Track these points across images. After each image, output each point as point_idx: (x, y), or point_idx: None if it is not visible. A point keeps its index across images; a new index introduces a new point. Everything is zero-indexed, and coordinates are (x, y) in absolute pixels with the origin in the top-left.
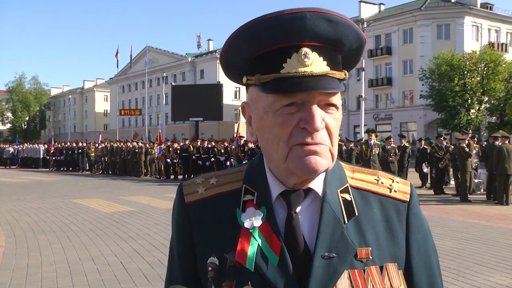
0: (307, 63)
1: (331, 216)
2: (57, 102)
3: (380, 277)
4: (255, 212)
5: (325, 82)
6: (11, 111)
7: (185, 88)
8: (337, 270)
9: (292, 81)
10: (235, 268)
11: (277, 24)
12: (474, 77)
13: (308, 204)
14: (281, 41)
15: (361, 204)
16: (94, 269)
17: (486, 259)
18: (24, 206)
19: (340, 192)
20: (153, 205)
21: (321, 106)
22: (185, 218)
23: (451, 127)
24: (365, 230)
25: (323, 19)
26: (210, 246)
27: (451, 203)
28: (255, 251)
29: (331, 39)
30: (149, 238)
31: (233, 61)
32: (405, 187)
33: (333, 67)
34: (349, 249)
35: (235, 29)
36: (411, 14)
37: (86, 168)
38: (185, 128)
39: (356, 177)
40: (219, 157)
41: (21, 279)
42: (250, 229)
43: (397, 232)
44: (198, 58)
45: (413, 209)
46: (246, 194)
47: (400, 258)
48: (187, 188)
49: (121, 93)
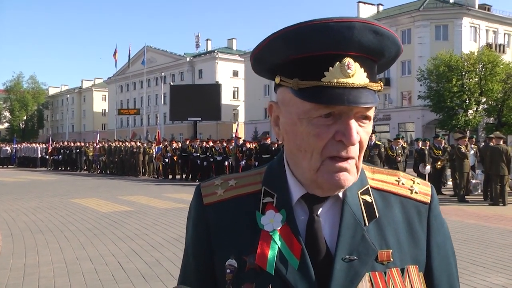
0: (350, 74)
1: (351, 218)
2: (55, 101)
3: (401, 280)
4: (275, 215)
5: (364, 95)
6: (9, 110)
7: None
8: (358, 273)
9: (333, 92)
10: (255, 271)
11: (324, 31)
12: (472, 78)
13: (329, 207)
14: (325, 48)
15: (381, 206)
16: (91, 269)
17: (483, 259)
18: (22, 205)
19: (361, 193)
20: (151, 205)
21: (356, 118)
22: (202, 219)
23: (449, 127)
24: (386, 232)
25: (370, 30)
26: (228, 248)
27: (449, 204)
28: (275, 254)
29: (374, 51)
30: (147, 238)
31: (267, 59)
32: (426, 188)
33: (372, 79)
34: (370, 252)
35: (277, 31)
36: (409, 15)
37: (84, 167)
38: (184, 128)
39: (377, 178)
40: (217, 157)
41: (19, 278)
42: (270, 232)
43: (418, 234)
44: (197, 58)
45: (434, 211)
46: (266, 197)
47: (421, 260)
48: (206, 189)
49: (119, 92)
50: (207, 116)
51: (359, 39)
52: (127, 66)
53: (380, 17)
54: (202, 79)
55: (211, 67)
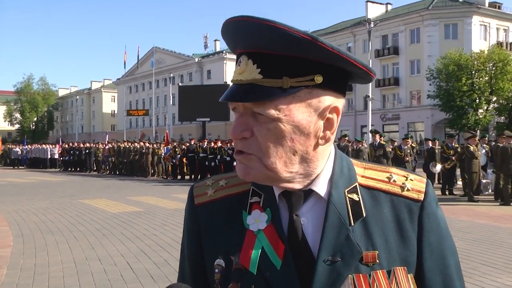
0: (240, 70)
1: (336, 218)
2: (65, 102)
3: (387, 282)
4: (260, 215)
5: (250, 91)
6: (20, 112)
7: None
8: (341, 275)
9: (230, 88)
10: (240, 271)
11: (225, 31)
12: (482, 77)
13: (312, 206)
14: (232, 48)
15: (370, 204)
16: (100, 269)
17: (493, 260)
18: (32, 206)
19: (348, 192)
20: (160, 206)
21: (254, 115)
22: (194, 220)
23: (459, 127)
24: (373, 232)
25: (250, 25)
26: (217, 248)
27: (459, 203)
28: (258, 254)
29: (262, 45)
30: (156, 238)
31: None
32: (420, 184)
33: (268, 75)
34: (355, 253)
35: None
36: (418, 13)
37: (93, 168)
38: (192, 129)
39: (367, 175)
40: (226, 158)
41: (29, 278)
42: (255, 232)
43: (408, 234)
44: (205, 59)
45: (427, 209)
46: (253, 196)
47: (410, 262)
48: (197, 190)
49: (128, 93)
50: (216, 116)
51: (243, 36)
52: (136, 67)
53: (389, 16)
54: (210, 79)
55: (220, 68)
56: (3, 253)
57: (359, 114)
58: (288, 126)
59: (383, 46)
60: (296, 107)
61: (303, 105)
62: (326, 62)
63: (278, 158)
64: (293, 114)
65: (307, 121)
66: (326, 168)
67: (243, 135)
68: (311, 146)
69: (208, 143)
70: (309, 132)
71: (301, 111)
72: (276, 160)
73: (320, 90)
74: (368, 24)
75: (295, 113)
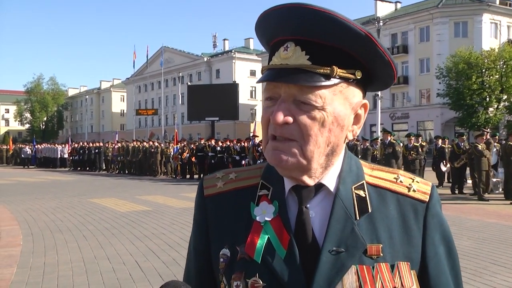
0: (286, 55)
1: (342, 211)
2: (75, 102)
3: (390, 275)
4: (268, 206)
5: (297, 75)
6: (30, 111)
7: (201, 88)
8: (345, 265)
9: (270, 72)
10: (245, 260)
11: (267, 20)
12: (493, 75)
13: (321, 200)
14: (274, 35)
15: (376, 201)
16: (109, 268)
17: (504, 259)
18: (42, 205)
19: (355, 188)
20: (168, 205)
21: (296, 103)
22: (202, 211)
23: (469, 125)
24: (378, 227)
25: (304, 13)
26: (223, 238)
27: (468, 202)
28: (263, 244)
29: (314, 33)
30: (165, 237)
31: (266, 49)
32: (425, 187)
33: (317, 61)
34: (359, 245)
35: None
36: (427, 11)
37: (103, 168)
38: (201, 128)
39: (375, 175)
40: (235, 157)
41: (38, 277)
42: (261, 223)
43: (413, 232)
44: (214, 58)
45: (432, 210)
46: (262, 189)
47: (414, 258)
48: (207, 181)
49: (138, 93)
50: (225, 115)
51: (294, 23)
52: (145, 67)
53: (398, 15)
54: (219, 79)
55: (229, 67)
56: (13, 252)
57: (369, 113)
58: (330, 117)
59: (393, 44)
60: (337, 98)
61: (342, 97)
62: (367, 60)
63: (317, 147)
64: (335, 105)
65: (344, 113)
66: (337, 164)
67: (287, 120)
68: (342, 139)
69: (216, 142)
70: (343, 124)
71: (341, 103)
72: (315, 149)
73: (355, 85)
74: (377, 23)
75: (336, 104)
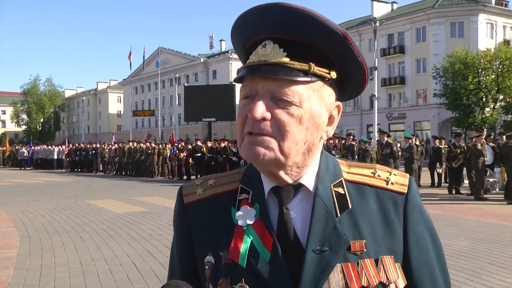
0: (264, 52)
1: (323, 210)
2: (71, 103)
3: (375, 270)
4: (249, 210)
5: (275, 70)
6: (26, 113)
7: (197, 89)
8: (329, 264)
9: (247, 69)
10: (230, 266)
11: (246, 20)
12: (489, 75)
13: (300, 200)
14: (252, 35)
15: (356, 197)
16: (106, 270)
17: (501, 259)
18: (38, 207)
19: (334, 186)
20: (166, 206)
21: (274, 100)
22: (183, 219)
23: (465, 126)
24: (360, 223)
25: (283, 12)
26: (207, 245)
27: (466, 203)
28: (247, 248)
29: (292, 32)
30: (162, 238)
31: (238, 53)
32: (403, 179)
33: (294, 59)
34: (342, 242)
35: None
36: (424, 12)
37: (99, 169)
38: (198, 129)
39: (352, 171)
40: (232, 157)
41: (35, 279)
42: (243, 227)
43: (394, 224)
44: (211, 59)
45: (411, 201)
46: (242, 193)
47: (397, 251)
48: (186, 189)
49: (134, 94)
50: (222, 116)
51: (272, 21)
52: (141, 68)
53: (394, 15)
54: (216, 79)
55: (225, 68)
56: (9, 253)
57: (365, 113)
58: (307, 114)
59: (389, 45)
60: (313, 96)
61: (318, 95)
62: (342, 62)
63: (294, 144)
64: (311, 102)
65: (320, 112)
66: (314, 164)
67: (264, 116)
68: (317, 138)
69: (213, 143)
70: (319, 123)
71: (317, 102)
72: (292, 146)
73: (330, 86)
74: (374, 23)
75: (312, 102)
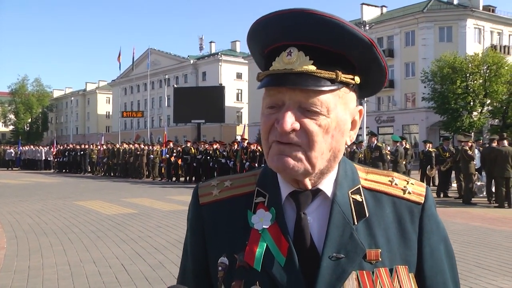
0: (289, 60)
1: (340, 217)
2: (60, 104)
3: (389, 279)
4: (265, 214)
5: (304, 80)
6: (14, 113)
7: (187, 90)
8: (345, 271)
9: (272, 77)
10: (244, 268)
11: (267, 25)
12: (477, 80)
13: (318, 205)
14: (273, 40)
15: (372, 205)
16: (95, 271)
17: (488, 262)
18: (26, 207)
19: (351, 193)
20: (155, 207)
21: (301, 110)
22: (198, 219)
23: (454, 129)
24: (376, 232)
25: (309, 18)
26: (221, 247)
27: (454, 206)
28: (263, 251)
29: (318, 39)
30: (151, 240)
31: (255, 57)
32: (420, 188)
33: (321, 67)
34: (358, 250)
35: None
36: (413, 16)
37: (88, 170)
38: (187, 130)
39: (370, 178)
40: (221, 159)
41: (23, 281)
42: (259, 231)
43: (409, 234)
44: (200, 61)
45: (427, 211)
46: (258, 197)
47: (411, 261)
48: (202, 189)
49: (123, 95)
50: (211, 118)
51: (299, 28)
52: (131, 69)
53: (384, 19)
54: (206, 81)
55: (215, 70)
56: None
57: None
58: (333, 123)
59: None
60: (339, 103)
61: (343, 102)
62: (363, 66)
63: (320, 153)
64: (338, 110)
65: (345, 119)
66: (334, 170)
67: (294, 127)
68: (342, 145)
69: (203, 145)
70: (343, 130)
71: (342, 109)
72: (319, 155)
73: (353, 91)
74: (363, 27)
75: (338, 110)
